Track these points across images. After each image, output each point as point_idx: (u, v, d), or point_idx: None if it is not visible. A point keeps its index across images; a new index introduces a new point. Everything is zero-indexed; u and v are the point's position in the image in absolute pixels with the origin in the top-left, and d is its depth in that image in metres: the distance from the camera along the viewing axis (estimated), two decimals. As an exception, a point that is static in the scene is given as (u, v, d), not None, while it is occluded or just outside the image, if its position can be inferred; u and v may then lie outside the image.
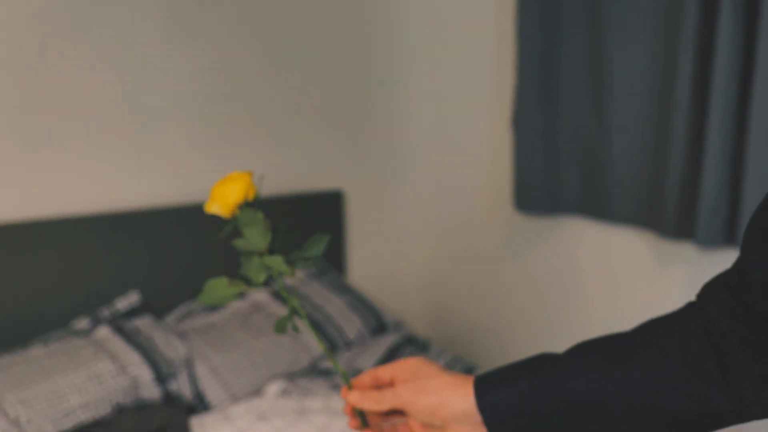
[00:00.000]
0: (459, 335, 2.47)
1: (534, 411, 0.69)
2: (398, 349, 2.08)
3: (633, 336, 0.70)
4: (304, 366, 2.01)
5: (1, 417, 1.54)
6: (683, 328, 0.68)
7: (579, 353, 0.71)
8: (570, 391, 0.68)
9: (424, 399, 0.72)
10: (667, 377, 0.66)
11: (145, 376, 1.74)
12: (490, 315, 2.39)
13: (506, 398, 0.69)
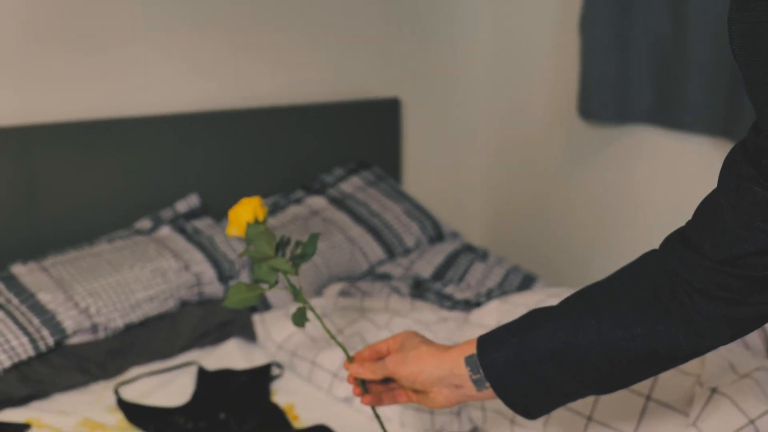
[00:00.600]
0: (517, 246, 2.44)
1: (525, 363, 0.80)
2: (458, 255, 2.06)
3: (607, 286, 0.81)
4: (363, 270, 2.01)
5: (72, 307, 1.59)
6: (649, 277, 0.78)
7: (563, 306, 0.82)
8: (553, 343, 0.79)
9: (405, 368, 0.88)
10: (635, 324, 0.76)
11: (208, 274, 1.76)
12: (550, 226, 2.35)
13: (501, 355, 0.81)
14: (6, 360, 1.47)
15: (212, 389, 1.48)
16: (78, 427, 1.38)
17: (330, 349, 1.53)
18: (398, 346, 0.92)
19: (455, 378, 0.85)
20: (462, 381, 0.85)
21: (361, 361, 0.94)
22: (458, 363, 0.85)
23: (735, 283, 0.74)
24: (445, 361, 0.86)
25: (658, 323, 0.76)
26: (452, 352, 0.87)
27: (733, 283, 0.74)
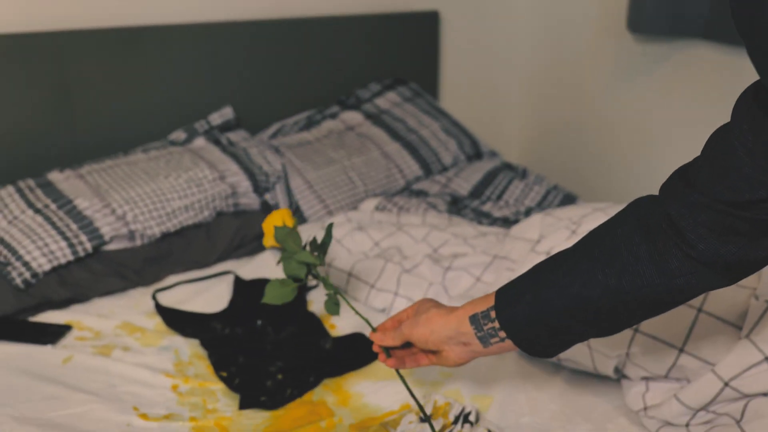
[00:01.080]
0: (557, 166, 2.37)
1: (541, 318, 0.84)
2: (496, 174, 2.01)
3: (608, 234, 0.82)
4: (400, 187, 1.97)
5: (108, 213, 1.59)
6: (649, 226, 0.79)
7: (570, 259, 0.84)
8: (565, 298, 0.82)
9: (417, 331, 0.94)
10: (639, 276, 0.78)
11: (243, 185, 1.74)
12: (591, 146, 2.28)
13: (518, 312, 0.85)
14: (46, 264, 1.48)
15: (249, 298, 1.48)
16: (117, 329, 1.39)
17: (366, 261, 1.51)
18: (413, 313, 0.98)
19: (462, 336, 0.90)
20: (468, 339, 0.89)
21: (383, 330, 1.00)
22: (463, 322, 0.89)
23: (745, 226, 0.73)
24: (452, 321, 0.90)
25: (659, 270, 0.78)
26: (458, 312, 0.91)
27: (743, 226, 0.73)
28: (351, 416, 1.14)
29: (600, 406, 1.14)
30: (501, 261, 1.42)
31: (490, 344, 0.89)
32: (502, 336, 0.87)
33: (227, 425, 1.13)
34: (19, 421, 1.12)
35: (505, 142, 2.49)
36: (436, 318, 0.92)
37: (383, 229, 1.64)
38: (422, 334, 0.93)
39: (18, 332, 1.37)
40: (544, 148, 2.45)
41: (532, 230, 1.44)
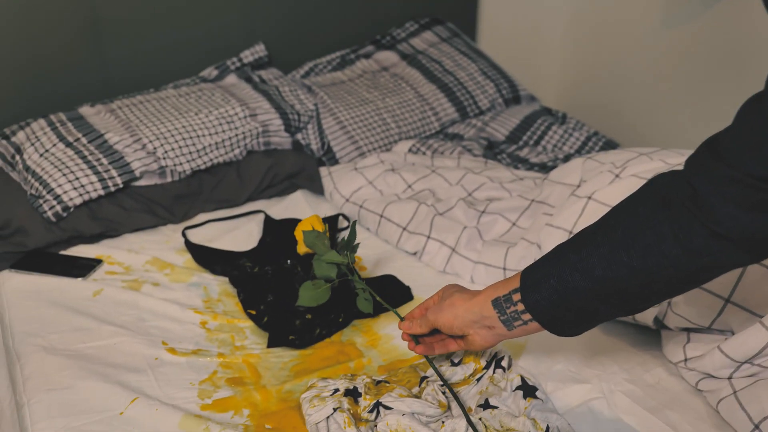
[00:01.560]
0: (600, 111, 2.29)
1: (566, 302, 0.82)
2: (535, 118, 1.94)
3: (630, 212, 0.79)
4: (434, 130, 1.92)
5: (139, 149, 1.57)
6: (671, 203, 0.75)
7: (592, 238, 0.81)
8: (590, 281, 0.79)
9: (442, 316, 0.93)
10: (664, 256, 0.75)
11: (275, 124, 1.70)
12: (636, 90, 2.18)
13: (544, 297, 0.83)
14: (77, 197, 1.47)
15: (278, 237, 1.46)
16: (147, 265, 1.38)
17: (398, 203, 1.48)
18: (438, 299, 0.97)
19: (486, 320, 0.89)
20: (492, 322, 0.89)
21: (410, 318, 1.00)
22: (486, 306, 0.88)
23: None
24: (474, 305, 0.90)
25: (684, 249, 0.75)
26: (480, 296, 0.90)
27: None
28: (380, 358, 1.12)
29: (637, 356, 1.11)
30: (538, 206, 1.38)
31: (514, 327, 0.88)
32: (526, 319, 0.86)
33: (255, 362, 1.11)
34: (48, 351, 1.12)
35: (544, 86, 2.41)
36: (459, 303, 0.92)
37: (417, 172, 1.59)
38: (447, 320, 0.93)
39: (49, 265, 1.37)
40: (585, 93, 2.37)
41: (572, 174, 1.38)
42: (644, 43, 2.14)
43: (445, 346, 0.99)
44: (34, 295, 1.28)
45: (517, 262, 1.27)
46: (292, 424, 0.97)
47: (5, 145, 1.60)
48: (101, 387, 1.04)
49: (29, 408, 1.02)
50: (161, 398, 1.03)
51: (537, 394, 0.99)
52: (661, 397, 1.03)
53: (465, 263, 1.33)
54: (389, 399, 0.95)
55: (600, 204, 1.18)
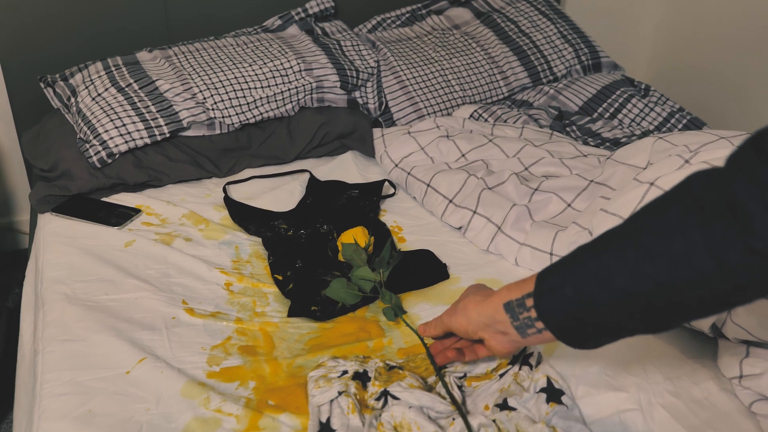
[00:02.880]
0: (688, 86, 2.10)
1: (583, 313, 0.72)
2: (614, 89, 1.78)
3: (658, 216, 0.68)
4: (501, 95, 1.80)
5: (189, 98, 1.53)
6: (706, 207, 0.64)
7: (614, 244, 0.70)
8: (608, 291, 0.69)
9: (456, 320, 0.86)
10: (694, 269, 0.64)
11: (330, 80, 1.63)
12: (734, 66, 1.98)
13: (558, 307, 0.73)
14: (122, 144, 1.45)
15: (320, 199, 1.40)
16: (183, 218, 1.35)
17: (447, 173, 1.38)
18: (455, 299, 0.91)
19: (498, 325, 0.81)
20: (505, 327, 0.80)
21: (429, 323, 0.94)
22: (498, 309, 0.80)
23: None
24: (486, 308, 0.82)
25: (717, 263, 0.63)
26: (493, 298, 0.81)
27: None
28: (402, 340, 1.05)
29: (686, 365, 0.99)
30: (597, 187, 1.25)
31: (528, 335, 0.78)
32: (539, 327, 0.76)
33: (272, 331, 1.07)
34: (70, 300, 1.11)
35: (631, 54, 2.22)
36: (471, 306, 0.84)
37: (473, 140, 1.49)
38: (460, 324, 0.85)
39: (89, 211, 1.36)
40: (675, 65, 2.17)
41: (639, 155, 1.25)
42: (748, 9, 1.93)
43: (474, 352, 0.91)
44: (68, 241, 1.28)
45: (566, 248, 1.16)
46: (295, 404, 0.92)
47: (62, 86, 1.60)
48: (113, 343, 1.02)
49: (43, 357, 1.01)
50: (170, 360, 1.00)
51: (562, 399, 0.89)
52: (706, 415, 0.91)
53: (510, 244, 1.23)
54: (398, 389, 0.89)
55: (663, 192, 1.05)
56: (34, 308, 1.17)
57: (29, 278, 1.28)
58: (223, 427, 0.89)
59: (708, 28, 2.05)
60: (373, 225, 1.32)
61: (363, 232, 1.23)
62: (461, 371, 0.95)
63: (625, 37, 2.20)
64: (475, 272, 1.21)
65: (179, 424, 0.89)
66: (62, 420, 0.90)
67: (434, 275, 1.19)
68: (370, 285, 1.11)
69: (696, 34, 2.10)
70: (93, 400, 0.93)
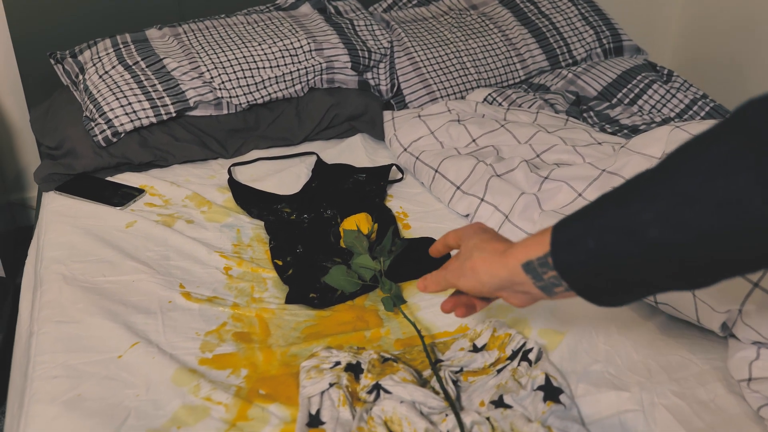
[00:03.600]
0: (712, 72, 2.03)
1: (608, 268, 0.63)
2: (635, 74, 1.72)
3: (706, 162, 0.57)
4: (517, 79, 1.75)
5: (196, 77, 1.51)
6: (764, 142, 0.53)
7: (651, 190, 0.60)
8: (637, 244, 0.60)
9: (465, 282, 0.77)
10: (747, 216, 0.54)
11: (341, 60, 1.60)
12: (761, 52, 1.91)
13: (578, 260, 0.64)
14: (128, 123, 1.43)
15: (326, 183, 1.37)
16: (186, 200, 1.34)
17: (456, 158, 1.35)
18: (461, 243, 0.81)
19: (518, 286, 0.72)
20: (527, 288, 0.71)
21: (434, 252, 0.89)
22: (516, 271, 0.71)
23: None
24: (501, 270, 0.73)
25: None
26: (508, 258, 0.72)
27: None
28: (400, 330, 1.03)
29: (693, 365, 0.95)
30: (610, 177, 1.21)
31: (555, 294, 0.70)
32: (567, 285, 0.67)
33: (268, 318, 1.05)
34: (67, 281, 1.10)
35: (656, 38, 2.15)
36: (481, 266, 0.74)
37: (484, 125, 1.45)
38: (472, 286, 0.76)
39: (93, 190, 1.35)
40: (701, 50, 2.09)
41: (655, 144, 1.20)
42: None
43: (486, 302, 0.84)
44: (70, 220, 1.27)
45: (574, 239, 1.12)
46: (286, 393, 0.90)
47: (71, 63, 1.59)
48: (108, 326, 1.01)
49: (37, 338, 1.01)
50: (162, 346, 0.98)
51: (560, 398, 0.86)
52: (711, 419, 0.88)
53: (517, 234, 1.19)
54: (390, 383, 0.86)
55: (676, 184, 1.01)
56: (33, 288, 1.16)
57: (31, 257, 1.27)
58: (211, 416, 0.87)
59: (736, 15, 1.97)
60: (378, 211, 1.29)
61: (366, 219, 1.20)
62: (457, 365, 0.93)
63: (649, 22, 2.13)
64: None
65: (167, 412, 0.88)
66: (52, 403, 0.89)
67: (437, 264, 1.15)
68: (370, 273, 1.08)
69: (723, 22, 2.02)
70: (83, 384, 0.92)
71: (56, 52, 1.63)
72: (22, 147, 1.95)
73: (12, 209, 1.99)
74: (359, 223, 1.18)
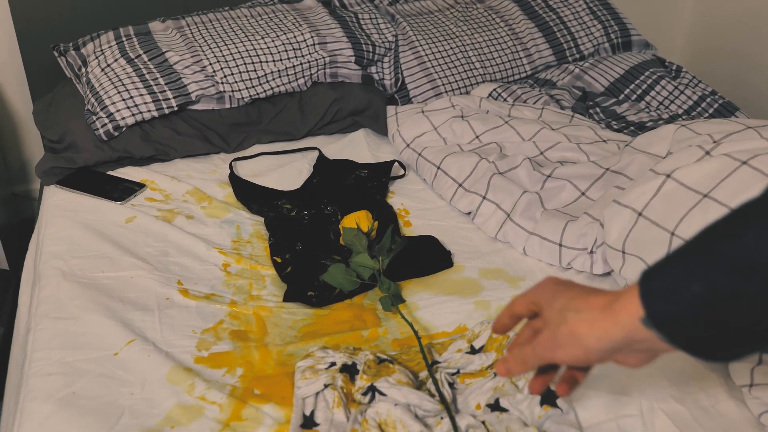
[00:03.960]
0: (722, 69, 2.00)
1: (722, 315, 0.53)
2: (643, 69, 1.70)
3: None
4: (523, 74, 1.73)
5: (198, 71, 1.50)
6: None
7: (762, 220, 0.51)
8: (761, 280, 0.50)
9: (565, 353, 0.62)
10: None
11: (345, 54, 1.58)
12: None
13: (684, 311, 0.54)
14: (129, 117, 1.43)
15: (327, 179, 1.36)
16: (186, 195, 1.33)
17: (458, 155, 1.33)
18: (535, 308, 0.68)
19: (639, 344, 0.59)
20: (651, 344, 0.59)
21: (500, 328, 0.73)
22: (634, 327, 0.58)
23: None
24: (613, 329, 0.59)
25: None
26: (618, 314, 0.59)
27: None
28: (398, 330, 1.02)
29: (695, 369, 0.94)
30: (613, 176, 1.19)
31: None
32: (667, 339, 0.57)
33: (265, 316, 1.04)
34: (66, 276, 1.10)
35: (665, 32, 2.12)
36: (583, 329, 0.61)
37: (488, 121, 1.43)
38: (574, 356, 0.62)
39: (93, 184, 1.35)
40: (711, 45, 2.07)
41: (660, 143, 1.18)
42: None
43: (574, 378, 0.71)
44: (70, 215, 1.26)
45: (576, 239, 1.11)
46: (281, 394, 0.90)
47: (74, 56, 1.58)
48: (104, 323, 1.00)
49: (34, 334, 1.00)
50: (159, 343, 0.98)
51: (557, 402, 0.85)
52: (711, 425, 0.86)
53: (519, 232, 1.18)
54: (385, 385, 0.85)
55: (680, 185, 0.99)
56: (32, 282, 1.16)
57: (31, 251, 1.27)
58: (205, 416, 0.86)
59: (749, 10, 1.94)
60: (379, 208, 1.28)
61: (366, 216, 1.19)
62: (454, 367, 0.92)
63: (660, 16, 2.10)
64: (481, 261, 1.16)
65: (161, 411, 0.87)
66: (46, 401, 0.89)
67: (437, 263, 1.14)
68: (368, 272, 1.07)
69: (735, 17, 1.99)
70: (79, 382, 0.91)
71: (59, 45, 1.62)
72: (26, 138, 1.95)
73: (16, 201, 1.99)
74: (359, 220, 1.17)
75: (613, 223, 1.04)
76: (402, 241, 1.12)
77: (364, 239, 1.11)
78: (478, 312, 1.04)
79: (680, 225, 0.95)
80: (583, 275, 1.12)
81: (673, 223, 0.96)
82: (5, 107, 1.89)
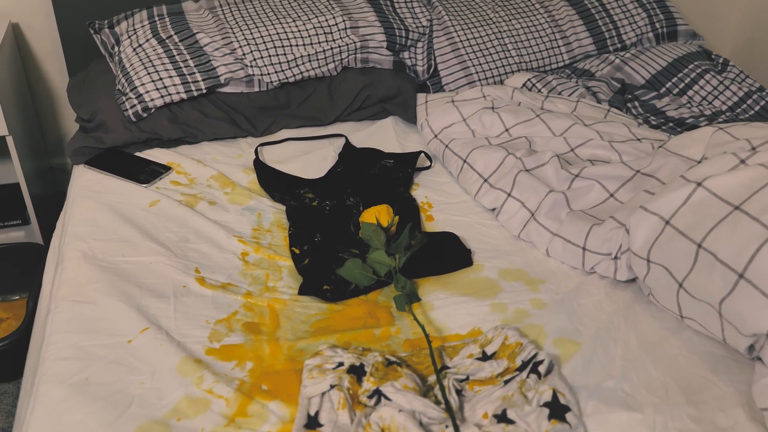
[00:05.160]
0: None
1: None
2: (687, 62, 1.63)
3: None
4: (561, 63, 1.68)
5: (228, 54, 1.49)
6: None
7: None
8: None
9: None
10: None
11: (376, 39, 1.55)
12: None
13: None
14: (158, 99, 1.43)
15: (352, 168, 1.34)
16: (211, 180, 1.33)
17: (485, 149, 1.30)
18: None
19: None
20: None
21: None
22: None
23: None
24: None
25: None
26: None
27: None
28: (410, 330, 1.00)
29: (715, 387, 0.90)
30: (644, 179, 1.15)
31: None
32: None
33: (279, 309, 1.04)
34: (87, 259, 1.11)
35: (716, 24, 2.03)
36: None
37: (519, 114, 1.39)
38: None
39: (121, 165, 1.36)
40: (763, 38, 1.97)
41: (695, 146, 1.14)
42: None
43: None
44: (96, 196, 1.28)
45: (600, 244, 1.07)
46: (288, 391, 0.89)
47: (107, 34, 1.59)
48: (121, 309, 1.01)
49: (53, 317, 1.02)
50: (172, 332, 0.98)
51: (566, 417, 0.83)
52: (728, 448, 0.83)
53: (542, 233, 1.15)
54: (391, 389, 0.84)
55: (710, 194, 0.95)
56: (55, 262, 1.18)
57: (58, 229, 1.29)
58: (211, 410, 0.87)
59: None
60: (401, 201, 1.26)
61: (387, 211, 1.17)
62: (464, 373, 0.90)
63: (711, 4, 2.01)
64: (502, 260, 1.14)
65: (169, 402, 0.88)
66: (60, 385, 0.90)
67: (456, 261, 1.12)
68: (385, 269, 1.06)
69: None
70: (92, 367, 0.93)
71: (95, 22, 1.63)
72: (63, 112, 1.98)
73: (53, 173, 2.03)
74: (379, 215, 1.16)
75: (639, 230, 1.00)
76: (420, 239, 1.10)
77: (382, 235, 1.09)
78: (494, 315, 1.02)
79: (708, 237, 0.91)
80: (606, 280, 1.09)
81: (701, 235, 0.92)
82: (44, 82, 1.91)
